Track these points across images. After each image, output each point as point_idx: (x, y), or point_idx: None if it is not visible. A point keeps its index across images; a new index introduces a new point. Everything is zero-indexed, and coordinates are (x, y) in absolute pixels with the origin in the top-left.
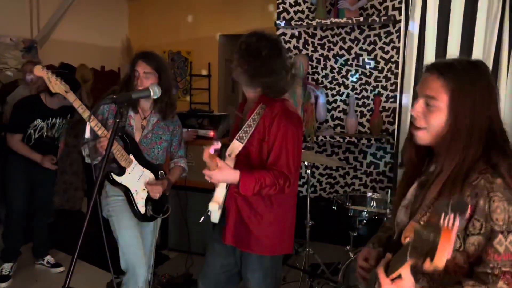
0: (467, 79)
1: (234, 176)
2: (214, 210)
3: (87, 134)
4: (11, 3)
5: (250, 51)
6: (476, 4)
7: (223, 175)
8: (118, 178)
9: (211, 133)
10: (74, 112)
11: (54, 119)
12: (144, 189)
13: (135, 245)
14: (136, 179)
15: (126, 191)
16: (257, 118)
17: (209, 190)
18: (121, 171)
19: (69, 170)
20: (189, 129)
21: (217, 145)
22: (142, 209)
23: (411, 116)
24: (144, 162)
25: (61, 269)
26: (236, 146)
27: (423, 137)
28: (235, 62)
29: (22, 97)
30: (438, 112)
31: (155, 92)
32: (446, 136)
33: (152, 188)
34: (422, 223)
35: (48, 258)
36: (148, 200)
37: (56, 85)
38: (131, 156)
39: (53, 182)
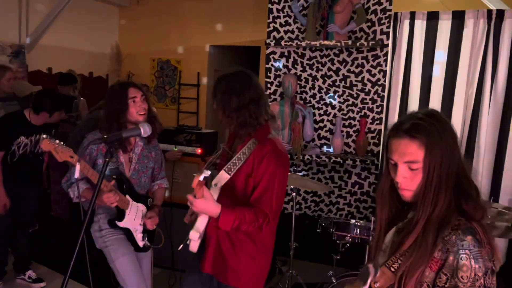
0: (435, 133)
1: (215, 209)
2: (194, 239)
3: (77, 174)
4: None
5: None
6: (462, 33)
7: (204, 206)
8: (120, 223)
9: (199, 151)
10: (58, 127)
11: (38, 136)
12: (140, 224)
13: (135, 271)
14: (134, 217)
15: (128, 232)
16: (247, 152)
17: None
18: (121, 214)
19: (60, 180)
20: (175, 149)
21: (207, 173)
22: (141, 243)
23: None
24: (136, 197)
25: (43, 284)
26: (223, 177)
27: (410, 196)
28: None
29: (6, 113)
30: (421, 171)
31: (146, 131)
32: (421, 188)
33: (150, 220)
34: (393, 270)
35: (30, 273)
36: (144, 232)
37: (63, 154)
38: (128, 197)
39: (38, 197)
